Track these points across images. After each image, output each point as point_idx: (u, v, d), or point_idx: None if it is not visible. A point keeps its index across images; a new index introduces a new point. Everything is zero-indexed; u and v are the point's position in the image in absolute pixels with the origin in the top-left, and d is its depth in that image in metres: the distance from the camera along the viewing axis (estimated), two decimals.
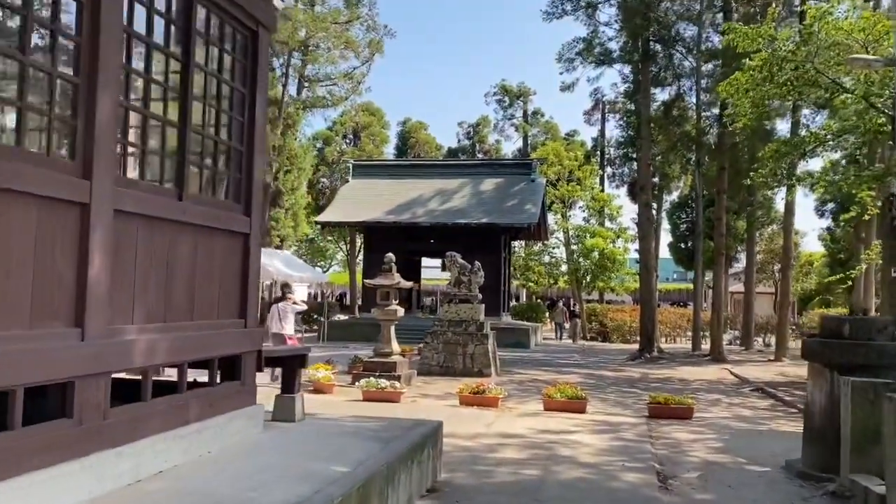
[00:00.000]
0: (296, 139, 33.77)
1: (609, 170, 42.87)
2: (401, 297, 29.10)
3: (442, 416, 10.50)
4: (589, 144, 45.29)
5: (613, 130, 60.97)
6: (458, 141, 55.93)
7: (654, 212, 27.73)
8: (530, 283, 39.86)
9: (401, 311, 13.90)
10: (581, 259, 35.75)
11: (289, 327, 13.26)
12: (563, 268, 38.58)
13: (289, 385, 6.34)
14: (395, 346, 13.87)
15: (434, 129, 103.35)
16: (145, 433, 4.13)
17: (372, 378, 12.12)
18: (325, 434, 5.80)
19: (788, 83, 15.70)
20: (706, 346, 25.56)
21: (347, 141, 45.98)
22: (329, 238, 43.84)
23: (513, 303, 36.68)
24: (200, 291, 4.81)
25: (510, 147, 55.22)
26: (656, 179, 29.68)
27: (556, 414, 10.89)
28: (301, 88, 34.40)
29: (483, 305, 16.22)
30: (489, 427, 9.59)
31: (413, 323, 24.64)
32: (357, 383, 12.28)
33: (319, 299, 34.61)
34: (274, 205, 32.09)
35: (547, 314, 37.10)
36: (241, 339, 5.28)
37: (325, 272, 51.09)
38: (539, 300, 42.53)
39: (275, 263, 23.08)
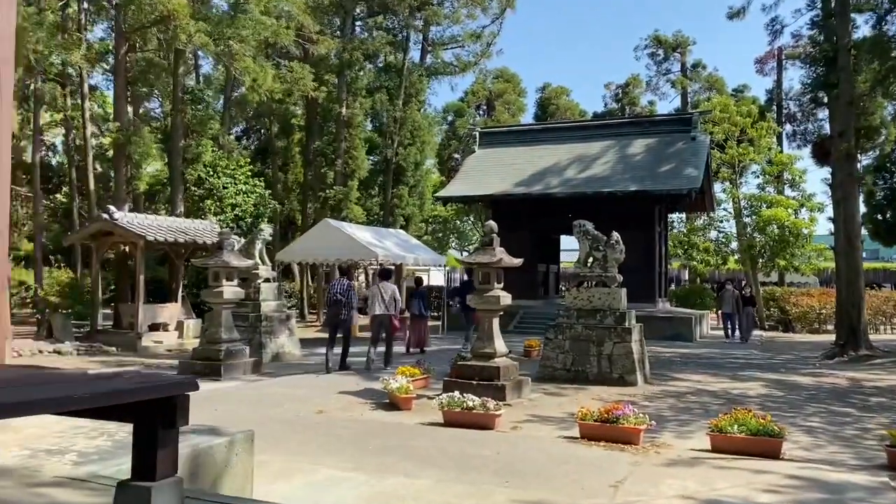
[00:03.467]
0: (420, 110, 30.77)
1: (788, 127, 36.33)
2: (535, 281, 25.78)
3: (546, 461, 6.84)
4: (762, 100, 38.69)
5: (791, 81, 52.77)
6: (605, 105, 50.35)
7: (858, 165, 21.73)
8: (693, 263, 34.24)
9: (506, 298, 10.26)
10: (756, 234, 29.90)
11: (392, 307, 13.18)
12: (734, 245, 32.79)
13: (145, 460, 3.01)
14: (500, 346, 10.29)
15: (577, 95, 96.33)
16: None
17: (457, 393, 8.67)
18: None
19: None
20: None
21: (481, 112, 42.46)
22: (465, 217, 40.62)
23: (672, 287, 31.65)
24: None
25: (666, 108, 48.94)
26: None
27: (731, 460, 6.84)
28: (424, 54, 31.37)
29: (624, 290, 12.19)
30: (617, 492, 5.76)
31: (549, 311, 21.18)
32: (438, 398, 8.88)
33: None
34: (397, 182, 29.41)
35: (716, 300, 31.59)
36: None
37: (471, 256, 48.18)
38: (704, 283, 36.85)
39: (385, 244, 20.28)
